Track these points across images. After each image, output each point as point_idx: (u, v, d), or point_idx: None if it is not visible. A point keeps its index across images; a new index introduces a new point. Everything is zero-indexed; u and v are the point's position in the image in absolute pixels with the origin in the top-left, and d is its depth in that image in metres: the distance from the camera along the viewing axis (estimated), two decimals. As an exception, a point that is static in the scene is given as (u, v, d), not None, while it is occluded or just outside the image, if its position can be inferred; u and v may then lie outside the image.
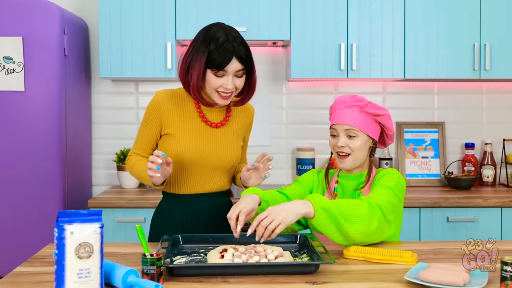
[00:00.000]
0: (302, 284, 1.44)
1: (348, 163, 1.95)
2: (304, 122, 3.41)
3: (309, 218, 1.68)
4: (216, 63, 1.78)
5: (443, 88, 3.43)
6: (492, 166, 3.31)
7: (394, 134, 2.03)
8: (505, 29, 3.07)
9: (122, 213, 2.83)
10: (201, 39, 1.84)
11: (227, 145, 1.96)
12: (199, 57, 1.81)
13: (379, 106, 1.96)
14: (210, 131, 1.95)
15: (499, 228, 2.87)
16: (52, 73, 2.80)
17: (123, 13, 3.02)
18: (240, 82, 1.86)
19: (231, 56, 1.78)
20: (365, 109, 1.93)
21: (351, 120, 1.93)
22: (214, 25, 1.87)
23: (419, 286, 1.41)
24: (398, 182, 1.87)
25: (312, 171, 2.12)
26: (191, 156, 1.91)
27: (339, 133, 1.97)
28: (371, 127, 1.95)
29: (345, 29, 3.05)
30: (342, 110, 1.97)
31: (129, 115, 3.38)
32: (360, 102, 1.95)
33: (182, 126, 1.92)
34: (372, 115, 1.94)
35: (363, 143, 1.94)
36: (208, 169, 1.96)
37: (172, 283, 1.44)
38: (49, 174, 2.80)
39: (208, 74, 1.82)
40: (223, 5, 3.01)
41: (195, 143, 1.92)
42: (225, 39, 1.79)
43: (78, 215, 1.28)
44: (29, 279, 1.48)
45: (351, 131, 1.93)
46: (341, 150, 1.95)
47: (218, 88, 1.83)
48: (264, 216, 1.63)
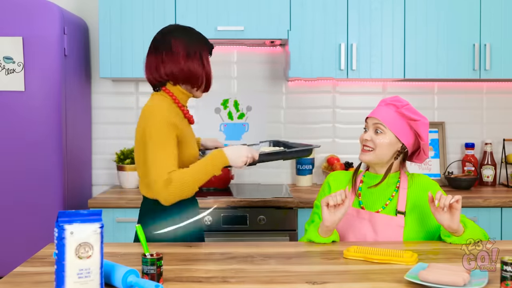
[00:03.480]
0: (302, 284, 1.44)
1: (368, 156, 1.94)
2: (304, 122, 3.41)
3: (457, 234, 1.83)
4: (211, 49, 2.08)
5: (443, 88, 3.44)
6: (492, 166, 3.31)
7: (428, 146, 1.97)
8: (505, 29, 3.07)
9: (122, 213, 2.83)
10: (192, 40, 2.02)
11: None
12: (203, 52, 2.02)
13: (417, 111, 1.93)
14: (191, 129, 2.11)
15: (499, 228, 2.86)
16: (52, 73, 2.80)
17: (123, 13, 3.02)
18: None
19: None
20: (401, 109, 1.91)
21: (382, 116, 1.92)
22: (171, 26, 2.09)
23: (419, 286, 1.41)
24: None
25: (323, 187, 2.10)
26: (197, 150, 2.06)
27: (368, 127, 1.97)
28: (402, 130, 1.92)
29: (345, 29, 3.05)
30: (379, 107, 1.98)
31: (129, 115, 3.38)
32: (398, 102, 1.94)
33: (185, 128, 1.99)
34: (407, 118, 1.92)
35: (389, 142, 1.92)
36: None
37: (172, 283, 1.44)
38: (49, 174, 2.80)
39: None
40: (222, 4, 3.01)
41: (194, 144, 2.05)
42: (199, 32, 2.09)
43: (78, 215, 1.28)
44: (29, 279, 1.48)
45: (379, 126, 1.92)
46: (365, 143, 1.95)
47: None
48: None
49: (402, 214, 1.92)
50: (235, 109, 3.37)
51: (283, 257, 1.70)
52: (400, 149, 1.94)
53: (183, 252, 1.77)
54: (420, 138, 1.93)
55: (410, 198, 1.96)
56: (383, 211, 1.94)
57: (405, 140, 1.93)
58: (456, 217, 1.77)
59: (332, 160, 3.32)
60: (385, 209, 1.95)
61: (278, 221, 2.81)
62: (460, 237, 1.82)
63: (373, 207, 1.96)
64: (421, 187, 1.98)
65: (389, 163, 1.97)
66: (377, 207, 1.96)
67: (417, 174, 2.04)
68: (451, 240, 1.83)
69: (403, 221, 1.91)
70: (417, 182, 1.99)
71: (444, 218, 1.78)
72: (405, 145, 1.94)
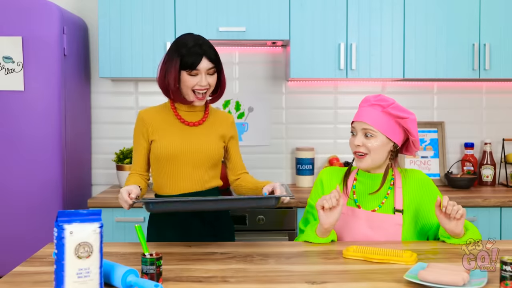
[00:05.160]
0: (302, 284, 1.44)
1: (365, 163, 1.92)
2: (304, 122, 3.41)
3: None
4: (189, 63, 1.96)
5: (442, 88, 3.44)
6: (492, 166, 3.31)
7: (419, 140, 1.97)
8: (505, 29, 3.07)
9: (122, 212, 2.83)
10: (173, 49, 2.02)
11: (205, 140, 2.06)
12: (173, 63, 1.99)
13: (404, 109, 1.91)
14: (189, 130, 2.07)
15: (499, 228, 2.87)
16: (52, 72, 2.80)
17: (122, 13, 3.02)
18: (212, 80, 2.03)
19: (201, 57, 1.97)
20: (388, 109, 1.88)
21: (370, 119, 1.88)
22: (183, 35, 2.06)
23: (419, 286, 1.41)
24: None
25: (315, 185, 2.09)
26: (173, 152, 2.03)
27: (357, 132, 1.93)
28: (392, 130, 1.90)
29: (344, 29, 3.05)
30: (364, 108, 1.92)
31: (129, 114, 3.38)
32: (383, 101, 1.90)
33: (163, 130, 2.06)
34: (394, 116, 1.89)
35: (381, 145, 1.90)
36: (190, 166, 2.04)
37: (172, 283, 1.44)
38: (48, 173, 2.80)
39: (183, 76, 1.99)
40: (222, 4, 3.01)
41: (175, 140, 2.04)
42: (194, 44, 1.99)
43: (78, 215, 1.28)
44: (29, 279, 1.48)
45: (369, 130, 1.89)
46: (357, 149, 1.92)
47: (194, 87, 1.99)
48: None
49: (400, 212, 1.93)
50: (235, 110, 3.37)
51: (282, 257, 1.70)
52: (392, 148, 1.94)
53: (183, 252, 1.77)
54: (410, 135, 1.93)
55: (405, 196, 1.96)
56: (380, 210, 1.94)
57: (396, 138, 1.92)
58: (460, 224, 1.79)
59: (332, 161, 3.32)
60: (382, 207, 1.95)
61: (278, 221, 2.81)
62: (460, 239, 1.83)
63: (368, 205, 1.96)
64: (415, 184, 1.98)
65: (385, 163, 1.97)
66: (373, 206, 1.96)
67: (410, 169, 2.03)
68: (451, 241, 1.84)
69: (401, 219, 1.92)
70: (411, 179, 1.99)
71: (449, 224, 1.80)
72: (396, 143, 1.93)
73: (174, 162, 2.03)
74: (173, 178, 2.05)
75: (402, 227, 1.91)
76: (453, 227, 1.80)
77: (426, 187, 1.99)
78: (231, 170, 2.18)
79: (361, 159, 1.92)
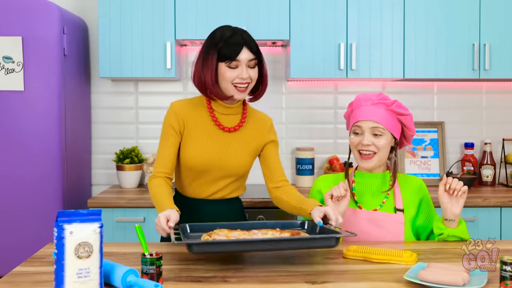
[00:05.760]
0: (302, 284, 1.44)
1: (372, 163, 1.93)
2: (304, 122, 3.41)
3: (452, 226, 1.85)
4: (228, 54, 1.82)
5: (442, 88, 3.44)
6: (492, 166, 3.31)
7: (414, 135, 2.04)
8: (505, 29, 3.07)
9: (122, 212, 2.83)
10: (209, 42, 1.89)
11: (239, 153, 1.95)
12: (210, 56, 1.86)
13: (404, 106, 1.95)
14: (224, 138, 1.95)
15: (499, 228, 2.87)
16: (52, 72, 2.80)
17: (122, 13, 3.02)
18: (254, 73, 1.88)
19: (241, 46, 1.83)
20: (391, 107, 1.91)
21: (378, 117, 1.90)
22: (219, 27, 1.92)
23: (419, 286, 1.41)
24: None
25: (312, 196, 2.07)
26: (203, 164, 1.92)
27: (364, 131, 1.92)
28: (395, 126, 1.93)
29: (344, 29, 3.05)
30: (367, 107, 1.93)
31: (129, 114, 3.38)
32: (386, 100, 1.93)
33: (196, 133, 1.93)
34: (396, 114, 1.92)
35: (388, 143, 1.92)
36: (218, 176, 1.96)
37: (172, 283, 1.44)
38: (48, 173, 2.80)
39: (222, 69, 1.84)
40: (222, 4, 3.01)
41: (207, 150, 1.92)
42: (232, 33, 1.85)
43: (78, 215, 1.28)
44: (29, 279, 1.48)
45: (378, 129, 1.90)
46: (366, 148, 1.91)
47: (234, 80, 1.85)
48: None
49: (401, 212, 1.93)
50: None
51: (283, 257, 1.70)
52: (394, 145, 1.98)
53: (183, 252, 1.77)
54: (410, 130, 1.97)
55: (404, 196, 1.99)
56: (381, 209, 1.95)
57: (398, 135, 1.97)
58: (461, 203, 1.82)
59: (332, 161, 3.32)
60: (383, 207, 1.95)
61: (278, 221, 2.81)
62: (455, 229, 1.85)
63: (369, 205, 1.97)
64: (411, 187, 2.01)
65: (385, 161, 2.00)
66: (374, 205, 1.96)
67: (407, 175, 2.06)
68: (447, 232, 1.85)
69: (403, 218, 1.93)
70: (407, 182, 2.02)
71: (450, 203, 1.83)
72: (397, 139, 1.97)
73: (203, 170, 1.94)
74: (196, 183, 1.98)
75: (404, 225, 1.92)
76: (454, 207, 1.82)
77: (423, 191, 2.02)
78: (269, 177, 1.99)
79: (368, 159, 1.93)
